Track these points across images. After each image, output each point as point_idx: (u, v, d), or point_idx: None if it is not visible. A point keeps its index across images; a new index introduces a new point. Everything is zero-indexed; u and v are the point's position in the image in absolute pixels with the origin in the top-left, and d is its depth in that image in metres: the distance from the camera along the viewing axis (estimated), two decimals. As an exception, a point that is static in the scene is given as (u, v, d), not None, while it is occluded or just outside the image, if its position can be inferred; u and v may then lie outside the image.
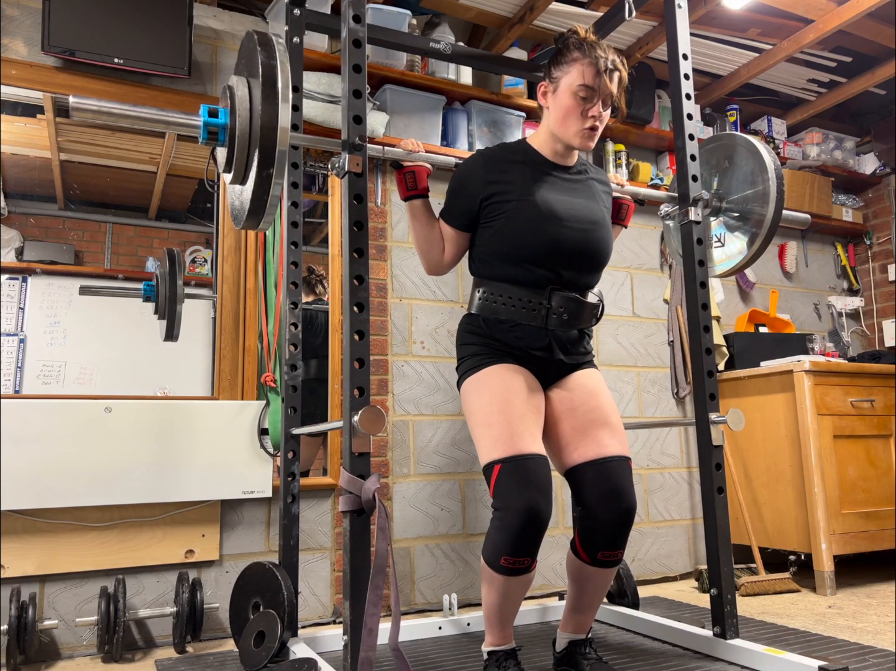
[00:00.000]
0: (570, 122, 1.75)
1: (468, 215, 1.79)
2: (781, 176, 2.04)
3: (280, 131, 1.40)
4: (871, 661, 1.86)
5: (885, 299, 3.88)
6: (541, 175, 1.79)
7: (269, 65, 1.40)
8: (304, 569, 2.45)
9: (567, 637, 1.79)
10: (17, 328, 2.23)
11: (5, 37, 2.31)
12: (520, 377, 1.71)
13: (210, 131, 1.48)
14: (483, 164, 1.78)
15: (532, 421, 1.66)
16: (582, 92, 1.73)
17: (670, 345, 3.30)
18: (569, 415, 1.74)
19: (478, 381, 1.71)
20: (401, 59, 2.73)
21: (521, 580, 1.60)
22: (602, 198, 1.88)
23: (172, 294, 2.36)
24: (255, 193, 1.45)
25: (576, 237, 1.74)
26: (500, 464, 1.59)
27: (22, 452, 2.06)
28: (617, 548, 1.67)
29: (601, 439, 1.70)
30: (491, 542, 1.59)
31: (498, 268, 1.75)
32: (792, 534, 2.89)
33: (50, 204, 2.32)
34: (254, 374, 2.44)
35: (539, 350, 1.75)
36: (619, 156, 3.24)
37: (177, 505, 2.29)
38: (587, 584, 1.73)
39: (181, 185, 2.51)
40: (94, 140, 2.40)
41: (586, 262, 1.77)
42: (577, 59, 1.74)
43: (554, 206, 1.74)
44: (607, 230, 1.83)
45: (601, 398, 1.77)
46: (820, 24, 2.93)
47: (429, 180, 1.90)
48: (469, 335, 1.78)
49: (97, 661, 2.08)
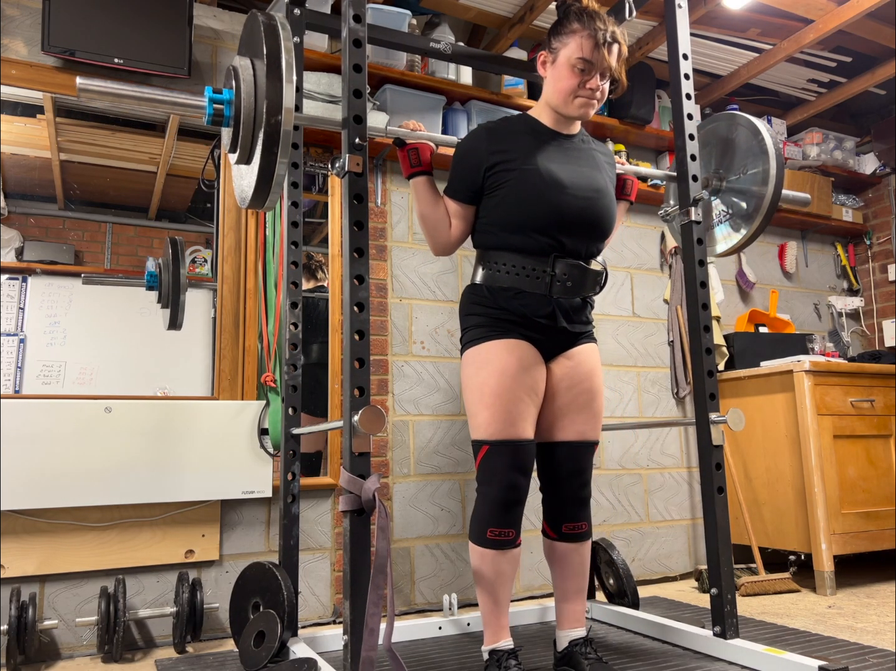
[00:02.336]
0: (569, 94, 1.76)
1: (473, 187, 1.78)
2: (782, 155, 2.03)
3: (285, 111, 1.41)
4: (871, 661, 1.86)
5: (885, 299, 3.88)
6: (543, 144, 1.78)
7: (273, 45, 1.41)
8: (304, 569, 2.45)
9: (566, 636, 1.81)
10: (17, 328, 2.23)
11: (5, 37, 2.31)
12: (520, 354, 1.72)
13: (216, 110, 1.48)
14: (486, 135, 1.78)
15: (526, 404, 1.71)
16: (580, 65, 1.73)
17: (670, 345, 3.30)
18: (564, 392, 1.80)
19: (478, 355, 1.73)
20: (401, 59, 2.73)
21: (508, 555, 1.67)
22: (605, 168, 1.88)
23: (175, 282, 2.35)
24: (260, 172, 1.46)
25: (579, 205, 1.75)
26: (489, 445, 1.67)
27: (22, 452, 2.06)
28: (579, 520, 1.79)
29: (580, 424, 1.80)
30: (477, 518, 1.68)
31: (502, 237, 1.75)
32: (792, 534, 2.89)
33: (50, 204, 2.32)
34: (254, 374, 2.44)
35: (543, 318, 1.75)
36: (619, 156, 3.24)
37: (177, 505, 2.29)
38: (564, 565, 1.80)
39: (181, 185, 2.51)
40: (94, 140, 2.40)
41: (589, 229, 1.77)
42: (576, 31, 1.74)
43: (557, 174, 1.74)
44: (610, 199, 1.83)
45: (594, 380, 1.83)
46: (820, 24, 2.93)
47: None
48: (473, 305, 1.78)
49: (97, 661, 2.08)
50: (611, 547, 2.40)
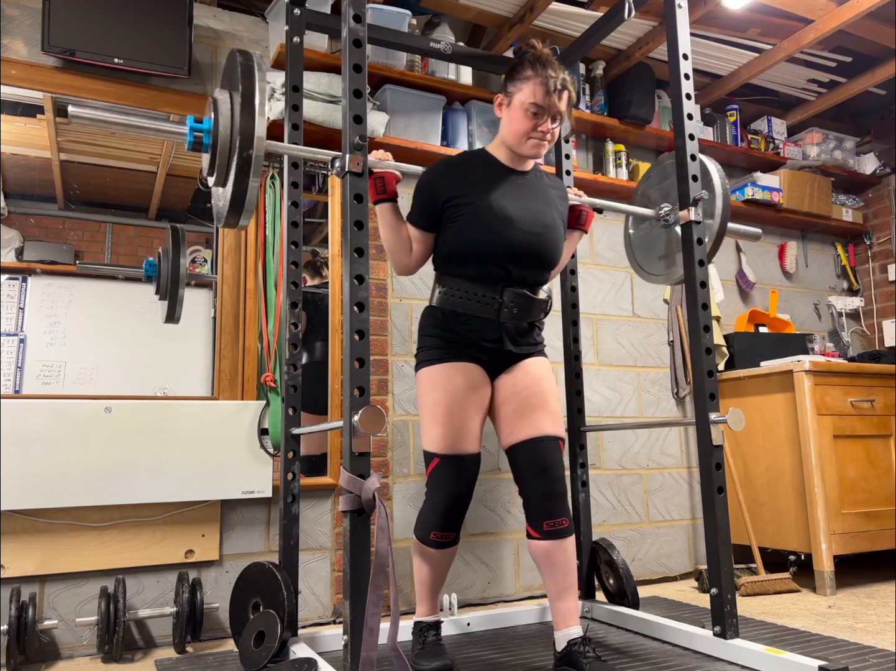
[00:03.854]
0: (522, 136, 1.90)
1: (432, 217, 1.92)
2: (728, 194, 2.23)
3: (256, 139, 1.57)
4: (871, 661, 1.86)
5: (885, 299, 3.88)
6: (498, 180, 1.94)
7: (249, 84, 1.58)
8: (304, 569, 2.45)
9: (564, 636, 1.82)
10: (17, 328, 2.23)
11: (5, 37, 2.31)
12: (469, 375, 1.90)
13: (196, 137, 1.64)
14: (445, 169, 1.94)
15: (475, 421, 1.89)
16: (533, 109, 1.88)
17: (670, 345, 3.30)
18: (512, 399, 1.93)
19: (433, 376, 1.90)
20: (401, 59, 2.73)
21: (446, 552, 1.90)
22: (556, 202, 2.02)
23: (175, 272, 2.33)
24: (233, 195, 1.60)
25: (526, 239, 1.90)
26: (440, 458, 1.86)
27: (22, 452, 2.06)
28: (558, 516, 1.85)
29: (537, 421, 1.90)
30: (422, 521, 1.89)
31: (456, 265, 1.91)
32: (792, 534, 2.89)
33: (50, 204, 2.32)
34: (254, 374, 2.44)
35: (490, 342, 1.91)
36: (619, 156, 3.24)
37: (177, 505, 2.29)
38: (551, 563, 1.85)
39: (181, 185, 2.51)
40: (94, 140, 2.40)
41: (535, 262, 1.92)
42: (529, 78, 1.89)
43: (507, 210, 1.89)
44: (557, 233, 1.97)
45: (542, 384, 1.94)
46: (820, 24, 2.93)
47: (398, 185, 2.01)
48: (429, 328, 1.96)
49: (97, 661, 2.08)
50: (611, 547, 2.40)
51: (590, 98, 3.20)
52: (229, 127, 1.61)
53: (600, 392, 3.10)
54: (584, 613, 2.43)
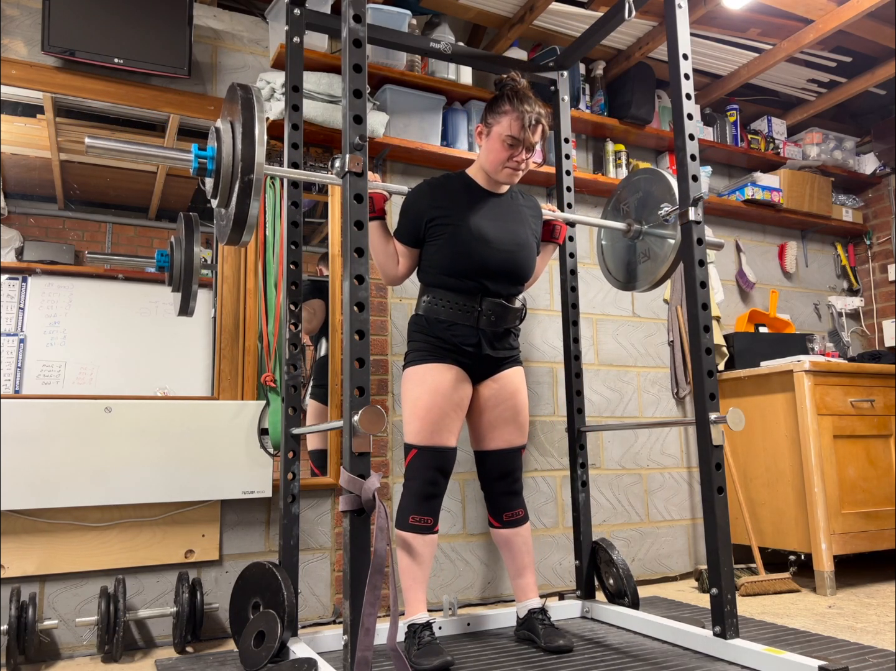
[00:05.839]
0: (498, 164, 2.09)
1: (416, 234, 2.12)
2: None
3: (256, 165, 1.68)
4: (871, 661, 1.86)
5: (885, 299, 3.88)
6: (476, 202, 2.13)
7: (249, 116, 1.70)
8: (304, 569, 2.45)
9: (525, 606, 2.15)
10: (17, 328, 2.23)
11: (5, 37, 2.32)
12: (450, 376, 2.07)
13: (200, 163, 1.76)
14: (428, 191, 2.11)
15: (452, 418, 2.05)
16: (509, 140, 2.05)
17: (670, 345, 3.30)
18: (491, 409, 2.15)
19: (417, 374, 2.07)
20: (401, 59, 2.73)
21: (426, 539, 2.01)
22: (529, 221, 2.22)
23: (189, 262, 2.33)
24: (236, 216, 1.71)
25: (501, 257, 2.09)
26: (418, 449, 2.02)
27: (22, 452, 2.06)
28: (515, 509, 2.16)
29: (506, 434, 2.15)
30: (401, 508, 2.03)
31: (439, 277, 2.10)
32: (792, 534, 2.89)
33: (50, 204, 2.32)
34: (254, 374, 2.44)
35: (471, 346, 2.10)
36: (619, 156, 3.24)
37: (177, 505, 2.29)
38: (511, 547, 2.16)
39: (181, 185, 2.51)
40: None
41: (509, 277, 2.12)
42: (507, 112, 2.06)
43: (484, 230, 2.08)
44: (529, 250, 2.17)
45: (518, 398, 2.17)
46: (820, 24, 2.93)
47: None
48: (416, 333, 2.14)
49: (97, 661, 2.08)
50: (611, 547, 2.40)
51: (590, 98, 3.20)
52: (231, 154, 1.74)
53: (600, 392, 3.10)
54: (584, 613, 2.43)
